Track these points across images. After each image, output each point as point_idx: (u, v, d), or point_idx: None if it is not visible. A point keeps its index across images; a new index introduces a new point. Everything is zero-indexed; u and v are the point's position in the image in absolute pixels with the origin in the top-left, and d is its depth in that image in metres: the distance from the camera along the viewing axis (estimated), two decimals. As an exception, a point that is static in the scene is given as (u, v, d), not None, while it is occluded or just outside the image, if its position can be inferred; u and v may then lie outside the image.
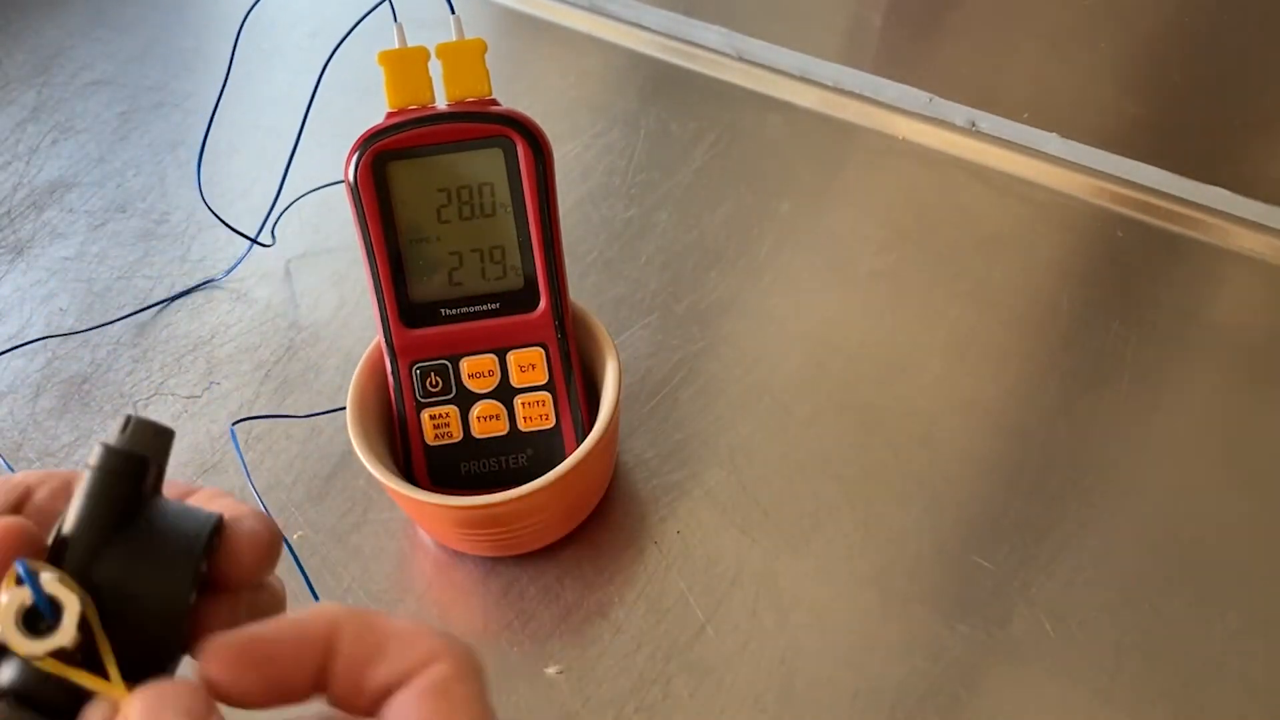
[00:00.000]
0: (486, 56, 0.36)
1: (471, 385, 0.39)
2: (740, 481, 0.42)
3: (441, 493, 0.37)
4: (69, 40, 0.65)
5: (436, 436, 0.39)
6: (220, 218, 0.51)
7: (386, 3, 0.38)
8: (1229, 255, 0.50)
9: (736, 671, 0.37)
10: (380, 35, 0.37)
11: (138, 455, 0.20)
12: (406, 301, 0.38)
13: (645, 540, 0.41)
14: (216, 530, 0.21)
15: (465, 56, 0.36)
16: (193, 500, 0.22)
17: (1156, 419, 0.44)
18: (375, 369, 0.39)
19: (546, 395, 0.39)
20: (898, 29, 0.57)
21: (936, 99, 0.56)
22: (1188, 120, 0.51)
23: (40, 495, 0.21)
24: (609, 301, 0.49)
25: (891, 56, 0.57)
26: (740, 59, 0.61)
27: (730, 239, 0.51)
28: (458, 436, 0.39)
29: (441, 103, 0.37)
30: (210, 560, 0.21)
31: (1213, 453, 0.43)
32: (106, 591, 0.19)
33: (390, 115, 0.36)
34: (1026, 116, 0.55)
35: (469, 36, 0.36)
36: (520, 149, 0.36)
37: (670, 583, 0.39)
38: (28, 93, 0.62)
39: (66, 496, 0.20)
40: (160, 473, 0.21)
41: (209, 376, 0.47)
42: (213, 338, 0.49)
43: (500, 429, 0.39)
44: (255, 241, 0.52)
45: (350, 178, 0.36)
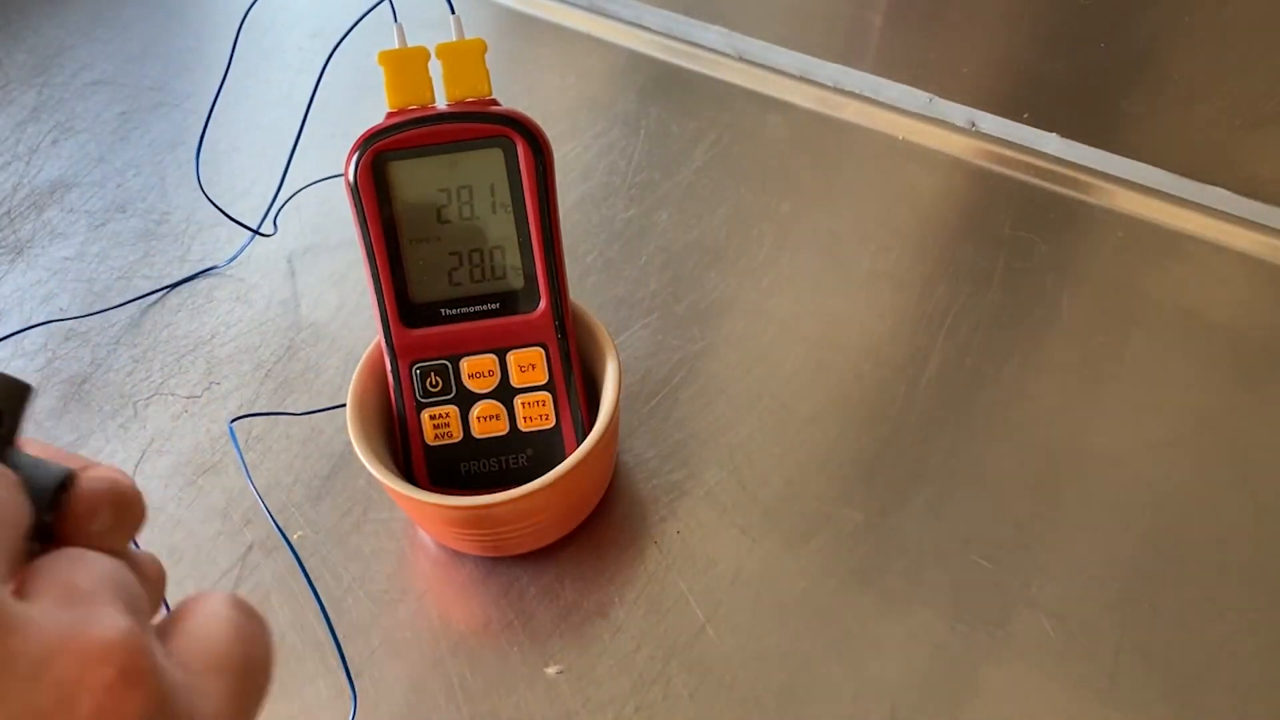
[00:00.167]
0: (486, 56, 0.36)
1: (471, 385, 0.39)
2: (740, 481, 0.42)
3: (441, 493, 0.37)
4: (69, 40, 0.65)
5: (436, 436, 0.39)
6: (220, 208, 0.51)
7: (386, 3, 0.38)
8: (1229, 255, 0.50)
9: (736, 671, 0.37)
10: (380, 35, 0.37)
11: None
12: (406, 301, 0.38)
13: (645, 540, 0.41)
14: (65, 485, 0.20)
15: (465, 56, 0.36)
16: (88, 473, 0.22)
17: (1157, 419, 0.44)
18: (375, 369, 0.39)
19: (546, 395, 0.39)
20: (898, 29, 0.57)
21: (936, 99, 0.56)
22: (1188, 120, 0.51)
23: None
24: (609, 301, 0.49)
25: (891, 56, 0.57)
26: (740, 59, 0.61)
27: (730, 239, 0.51)
28: (458, 436, 0.39)
29: (441, 103, 0.37)
30: (56, 515, 0.20)
31: (1213, 452, 0.43)
32: None
33: (390, 115, 0.36)
34: (1026, 116, 0.55)
35: (469, 36, 0.36)
36: (520, 149, 0.36)
37: (670, 583, 0.39)
38: (28, 93, 0.62)
39: None
40: (14, 425, 0.21)
41: (209, 376, 0.47)
42: (213, 338, 0.49)
43: (500, 429, 0.39)
44: (256, 232, 0.52)
45: (350, 178, 0.36)
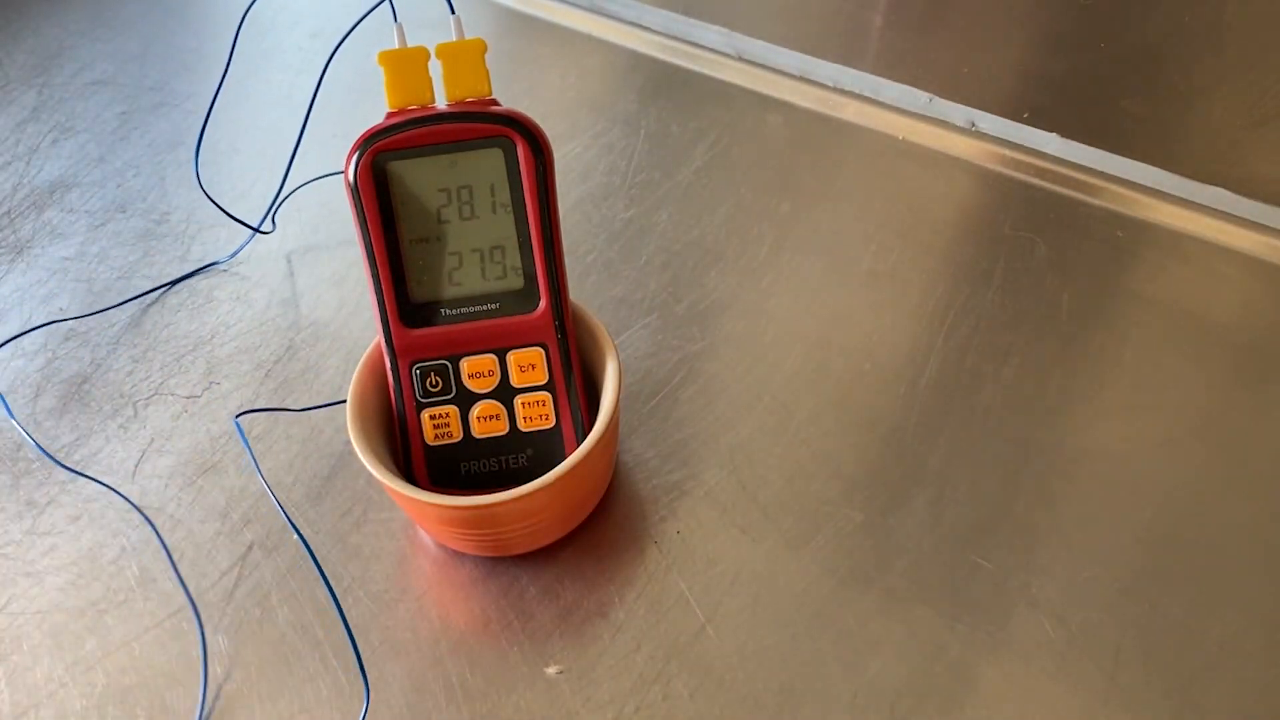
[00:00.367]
0: (486, 56, 0.36)
1: (471, 385, 0.39)
2: (740, 481, 0.42)
3: (441, 493, 0.37)
4: (69, 40, 0.65)
5: (436, 436, 0.39)
6: (219, 205, 0.51)
7: (386, 3, 0.38)
8: (1229, 255, 0.50)
9: (736, 671, 0.37)
10: (380, 35, 0.37)
11: None
12: (406, 301, 0.38)
13: (645, 540, 0.41)
14: None
15: (465, 56, 0.36)
16: None
17: (1157, 418, 0.44)
18: (375, 369, 0.39)
19: (546, 395, 0.39)
20: (898, 29, 0.57)
21: (936, 99, 0.56)
22: (1188, 120, 0.51)
23: None
24: (609, 301, 0.49)
25: (891, 56, 0.57)
26: (740, 59, 0.61)
27: (730, 239, 0.51)
28: (458, 436, 0.39)
29: (441, 103, 0.37)
30: None
31: (1212, 452, 0.43)
32: None
33: (390, 115, 0.36)
34: (1026, 116, 0.55)
35: (469, 36, 0.36)
36: (520, 149, 0.36)
37: (670, 583, 0.39)
38: (28, 93, 0.62)
39: None
40: None
41: (209, 376, 0.47)
42: (213, 338, 0.49)
43: (500, 429, 0.39)
44: (256, 230, 0.52)
45: (350, 178, 0.36)
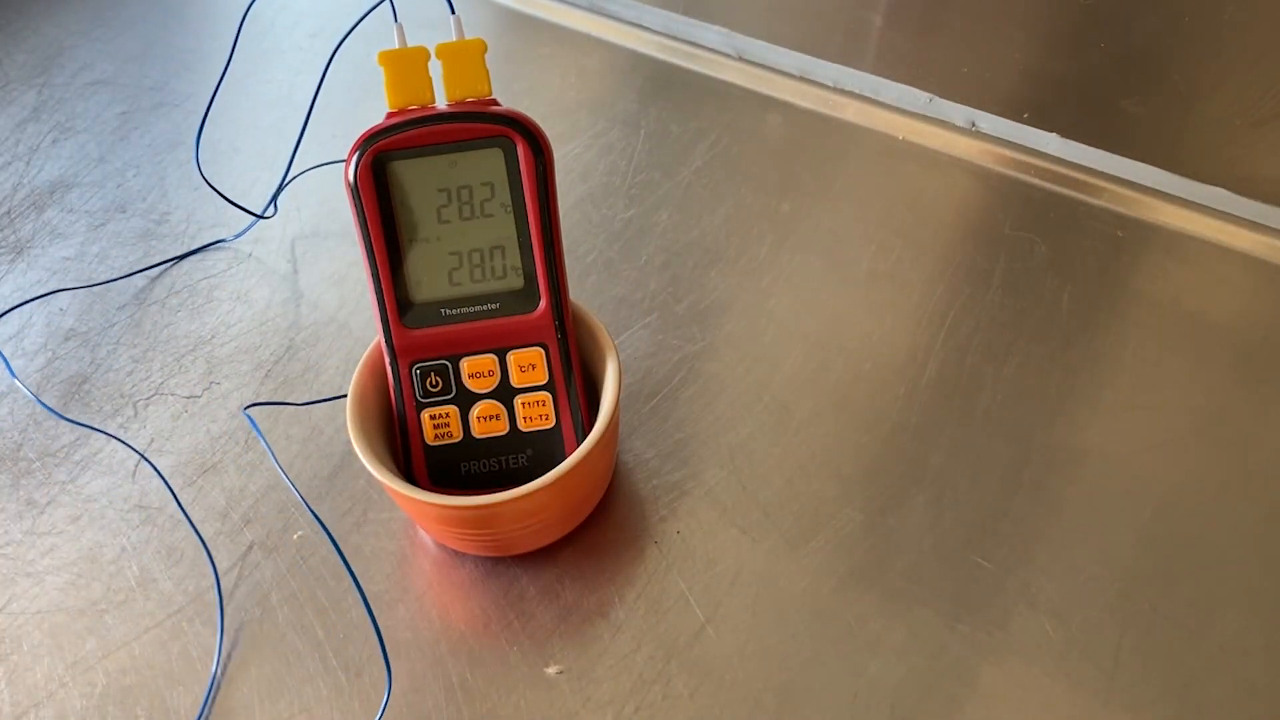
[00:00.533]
0: (486, 56, 0.36)
1: (471, 385, 0.39)
2: (740, 481, 0.42)
3: (441, 493, 0.37)
4: (69, 40, 0.65)
5: (436, 436, 0.39)
6: (219, 191, 0.51)
7: (386, 3, 0.38)
8: (1229, 255, 0.50)
9: (736, 671, 0.37)
10: (380, 35, 0.37)
11: None
12: (406, 301, 0.38)
13: (645, 540, 0.41)
14: None
15: (465, 56, 0.36)
16: None
17: (1156, 418, 0.44)
18: (375, 369, 0.39)
19: (546, 395, 0.39)
20: (898, 29, 0.57)
21: (936, 99, 0.56)
22: (1188, 120, 0.51)
23: None
24: (609, 301, 0.49)
25: (891, 56, 0.57)
26: (740, 59, 0.61)
27: (730, 239, 0.51)
28: (458, 436, 0.39)
29: (441, 103, 0.37)
30: None
31: (1212, 452, 0.43)
32: None
33: (390, 115, 0.36)
34: (1026, 116, 0.55)
35: (469, 36, 0.36)
36: (520, 149, 0.36)
37: (670, 583, 0.39)
38: (28, 93, 0.62)
39: None
40: None
41: (209, 376, 0.47)
42: (213, 338, 0.49)
43: (500, 429, 0.39)
44: (260, 216, 0.52)
45: (350, 178, 0.36)
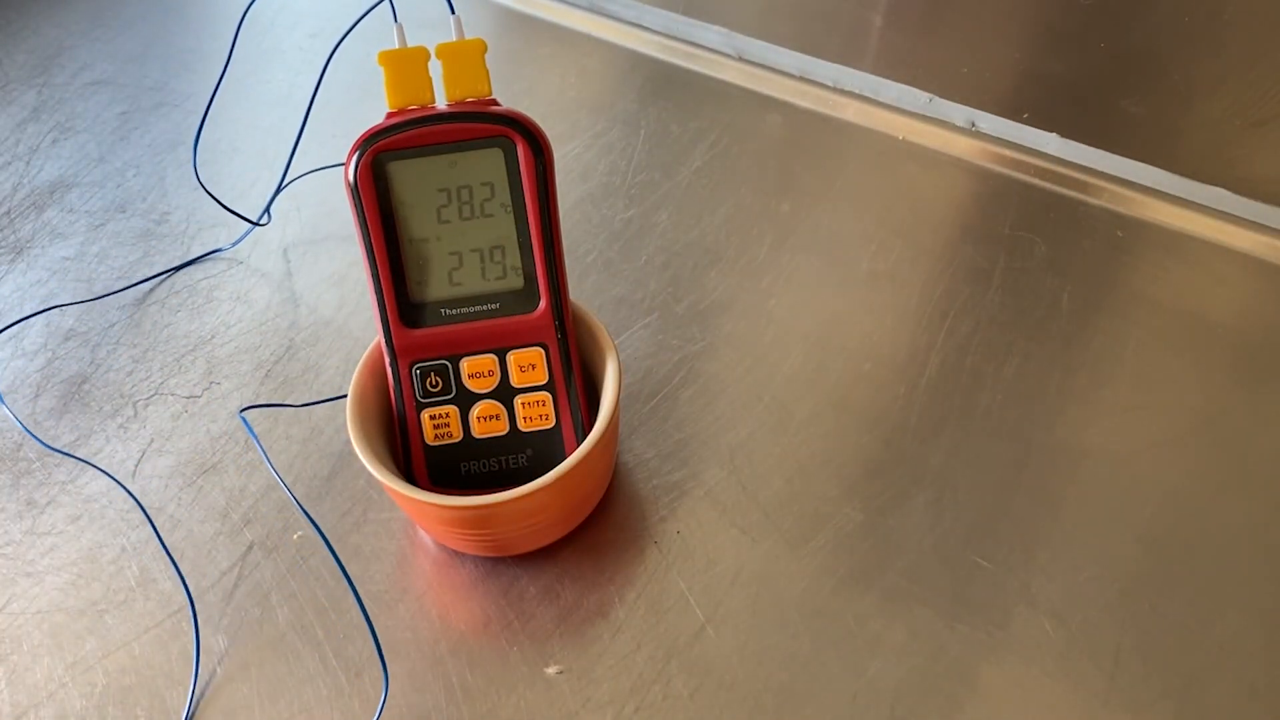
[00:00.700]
0: (486, 56, 0.36)
1: (471, 385, 0.39)
2: (740, 481, 0.42)
3: (441, 493, 0.37)
4: (69, 40, 0.65)
5: (436, 436, 0.39)
6: (216, 197, 0.51)
7: (386, 3, 0.38)
8: (1229, 255, 0.50)
9: (736, 671, 0.37)
10: (380, 35, 0.37)
11: None
12: (406, 301, 0.38)
13: (645, 540, 0.41)
14: None
15: (465, 56, 0.36)
16: None
17: (1156, 418, 0.44)
18: (375, 369, 0.39)
19: (546, 395, 0.39)
20: (898, 29, 0.57)
21: (936, 99, 0.56)
22: (1188, 120, 0.51)
23: None
24: (609, 301, 0.49)
25: (891, 56, 0.57)
26: (740, 59, 0.61)
27: (730, 239, 0.51)
28: (458, 436, 0.39)
29: (441, 103, 0.37)
30: None
31: (1212, 452, 0.43)
32: None
33: (390, 115, 0.36)
34: (1026, 116, 0.55)
35: (469, 36, 0.36)
36: (520, 149, 0.36)
37: (670, 583, 0.39)
38: (28, 93, 0.62)
39: None
40: None
41: (209, 376, 0.47)
42: (213, 338, 0.49)
43: (500, 429, 0.39)
44: (254, 223, 0.52)
45: (350, 178, 0.36)
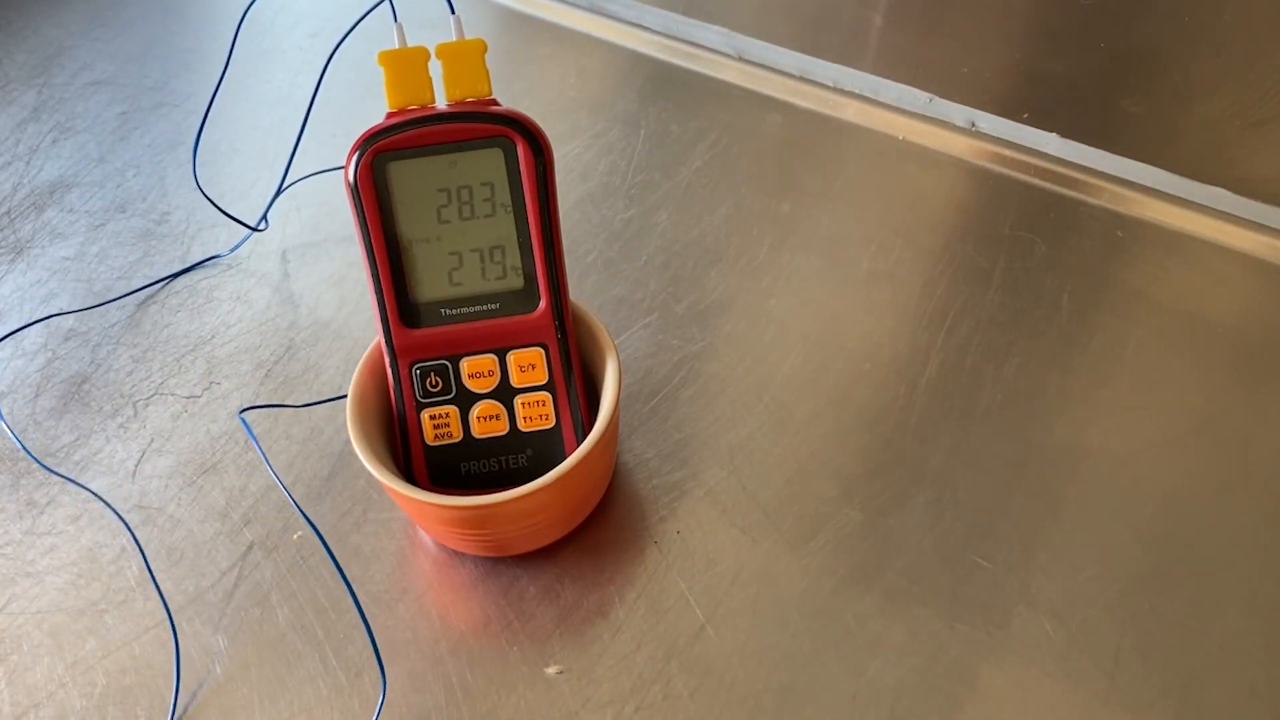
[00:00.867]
0: (486, 56, 0.36)
1: (471, 385, 0.39)
2: (740, 481, 0.42)
3: (441, 493, 0.37)
4: (69, 40, 0.65)
5: (436, 436, 0.39)
6: (214, 202, 0.51)
7: (386, 3, 0.38)
8: (1229, 255, 0.50)
9: (736, 671, 0.37)
10: (380, 35, 0.37)
11: None
12: (406, 301, 0.38)
13: (645, 540, 0.41)
14: None
15: (465, 56, 0.36)
16: None
17: (1156, 418, 0.44)
18: (375, 369, 0.39)
19: (546, 395, 0.39)
20: (898, 29, 0.57)
21: (936, 99, 0.56)
22: (1188, 120, 0.51)
23: None
24: (609, 301, 0.49)
25: (891, 56, 0.57)
26: (740, 59, 0.61)
27: (730, 239, 0.51)
28: (458, 436, 0.39)
29: (441, 103, 0.37)
30: None
31: (1212, 452, 0.43)
32: None
33: (390, 115, 0.36)
34: (1026, 116, 0.55)
35: (469, 36, 0.36)
36: (520, 149, 0.36)
37: (670, 583, 0.39)
38: (28, 93, 0.62)
39: None
40: None
41: (209, 376, 0.47)
42: (213, 337, 0.49)
43: (500, 429, 0.39)
44: (253, 229, 0.52)
45: (350, 178, 0.36)
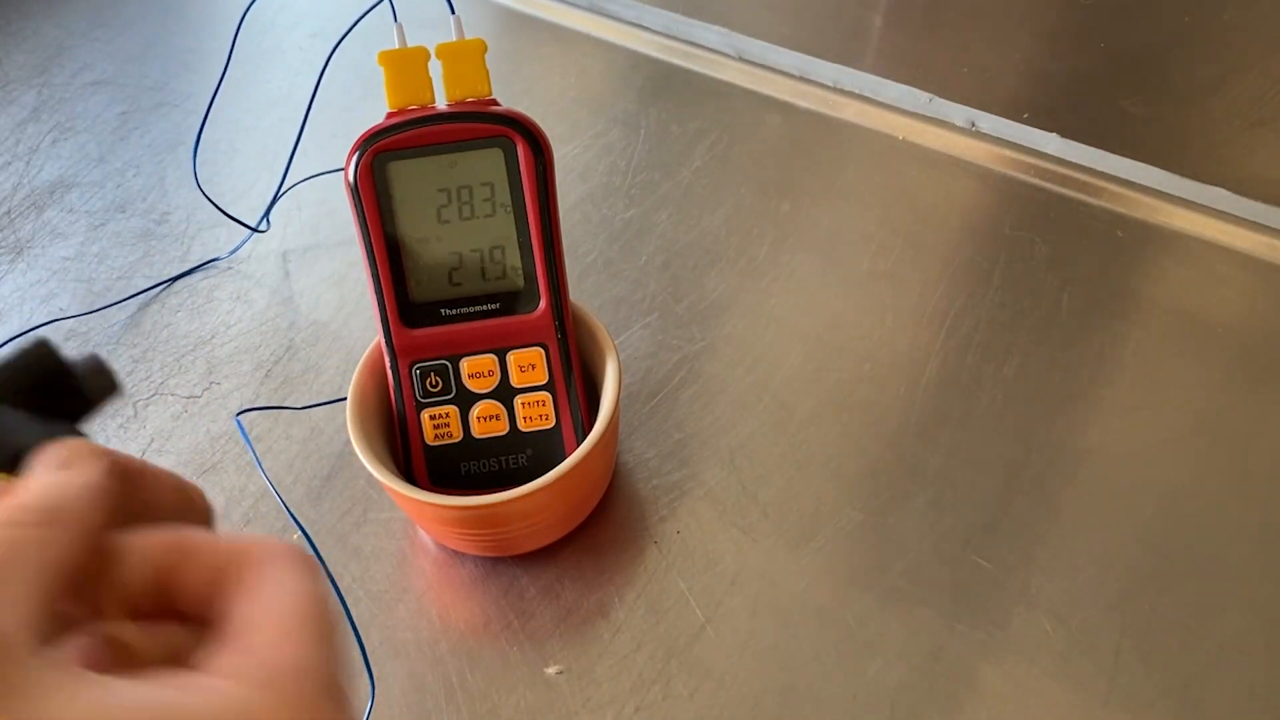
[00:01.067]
0: (486, 56, 0.36)
1: (471, 385, 0.39)
2: (740, 481, 0.42)
3: (441, 493, 0.37)
4: (69, 40, 0.65)
5: (436, 436, 0.39)
6: (217, 205, 0.51)
7: (386, 3, 0.38)
8: (1229, 255, 0.50)
9: (736, 671, 0.37)
10: (380, 35, 0.37)
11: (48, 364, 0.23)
12: (406, 301, 0.38)
13: (645, 540, 0.41)
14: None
15: (465, 56, 0.36)
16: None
17: (1156, 418, 0.44)
18: (375, 369, 0.39)
19: (546, 395, 0.39)
20: (898, 29, 0.57)
21: (936, 99, 0.56)
22: (1188, 120, 0.51)
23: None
24: (609, 301, 0.49)
25: (891, 56, 0.57)
26: (740, 59, 0.61)
27: (730, 239, 0.51)
28: (458, 436, 0.39)
29: (441, 103, 0.37)
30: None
31: (1212, 452, 0.43)
32: None
33: (390, 115, 0.36)
34: (1026, 116, 0.55)
35: (469, 36, 0.36)
36: (520, 149, 0.36)
37: (670, 583, 0.39)
38: (28, 93, 0.62)
39: None
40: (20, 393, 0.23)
41: (209, 376, 0.47)
42: (213, 338, 0.49)
43: (500, 429, 0.39)
44: (254, 229, 0.52)
45: (350, 178, 0.36)
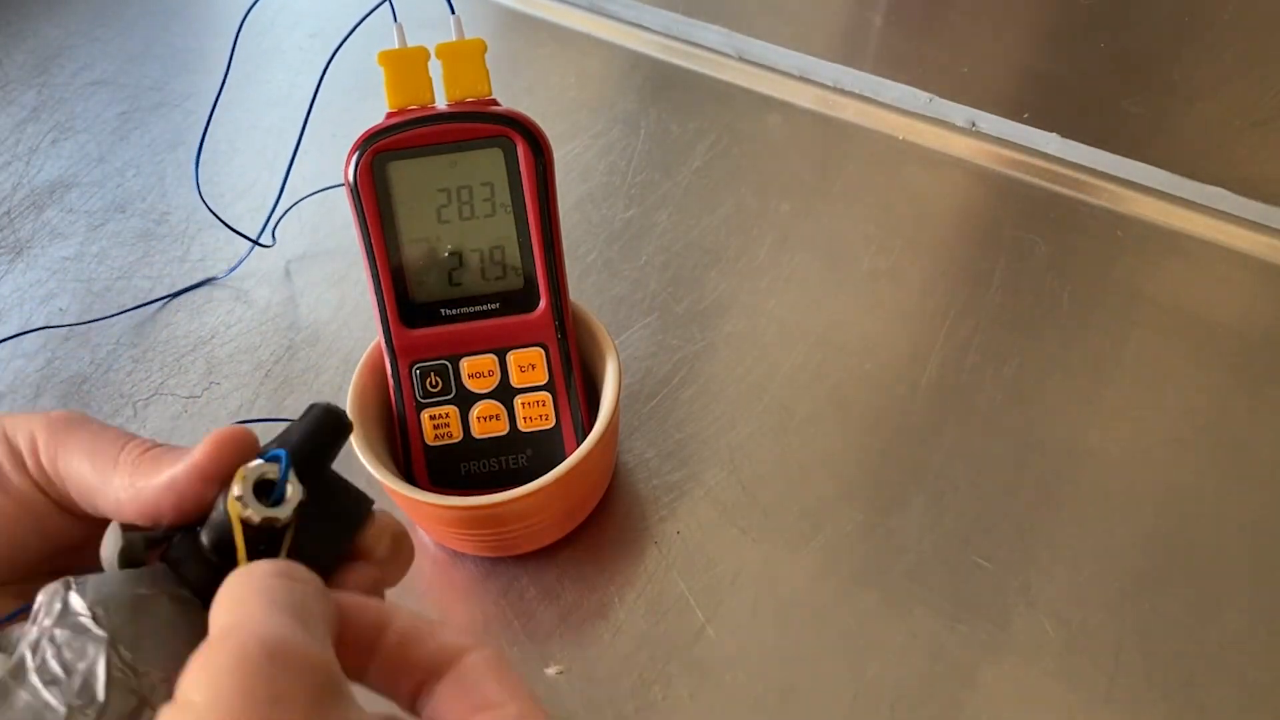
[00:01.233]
0: (486, 56, 0.36)
1: (471, 385, 0.39)
2: (740, 481, 0.42)
3: (441, 493, 0.37)
4: (69, 40, 0.65)
5: (436, 436, 0.39)
6: (221, 219, 0.51)
7: (386, 3, 0.38)
8: (1229, 255, 0.50)
9: (736, 671, 0.37)
10: (380, 35, 0.37)
11: (349, 422, 0.24)
12: (406, 301, 0.38)
13: (645, 540, 0.41)
14: (368, 511, 0.25)
15: (465, 56, 0.36)
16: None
17: (1156, 418, 0.44)
18: (375, 369, 0.39)
19: (546, 395, 0.39)
20: (898, 29, 0.57)
21: (936, 99, 0.56)
22: (1188, 120, 0.51)
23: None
24: (609, 301, 0.49)
25: (891, 56, 0.57)
26: (740, 59, 0.61)
27: (730, 239, 0.51)
28: (458, 436, 0.39)
29: (441, 103, 0.37)
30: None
31: (1212, 453, 0.43)
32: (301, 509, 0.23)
33: (390, 115, 0.36)
34: (1026, 116, 0.55)
35: (469, 36, 0.36)
36: (520, 149, 0.36)
37: (670, 583, 0.39)
38: (28, 93, 0.62)
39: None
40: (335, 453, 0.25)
41: (209, 376, 0.47)
42: (213, 338, 0.49)
43: (500, 429, 0.39)
44: (256, 243, 0.52)
45: (350, 178, 0.36)
